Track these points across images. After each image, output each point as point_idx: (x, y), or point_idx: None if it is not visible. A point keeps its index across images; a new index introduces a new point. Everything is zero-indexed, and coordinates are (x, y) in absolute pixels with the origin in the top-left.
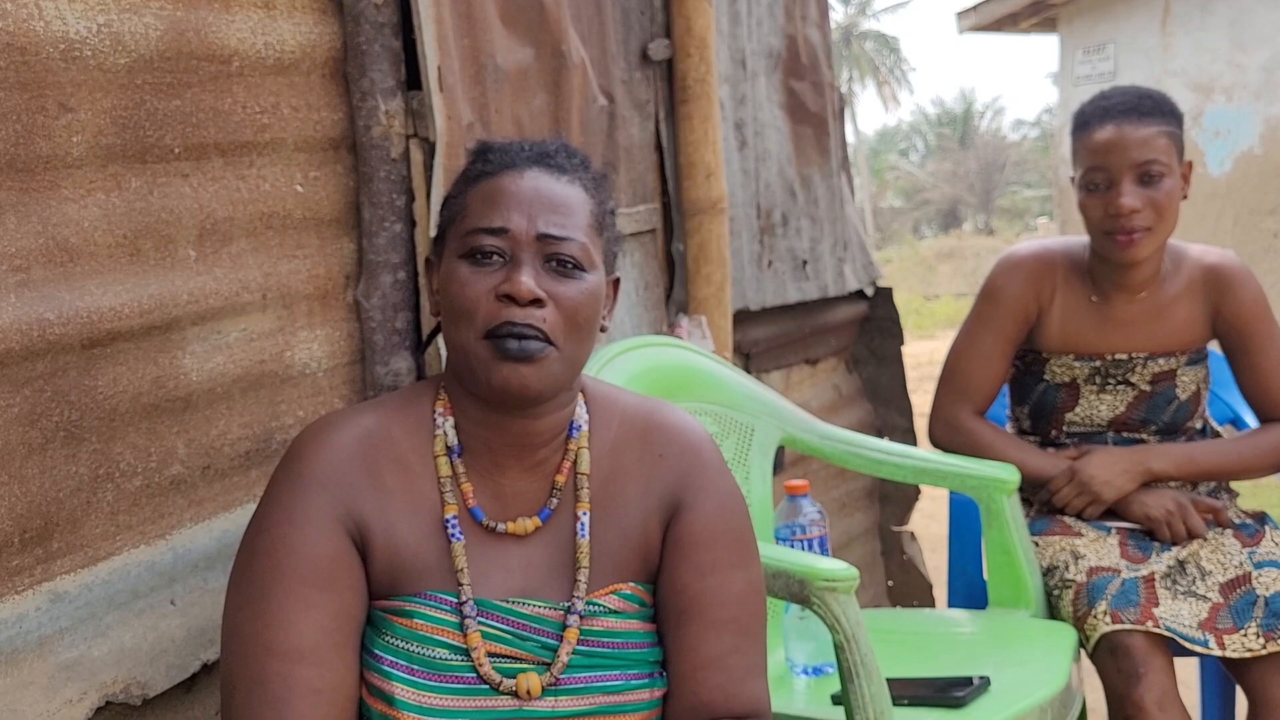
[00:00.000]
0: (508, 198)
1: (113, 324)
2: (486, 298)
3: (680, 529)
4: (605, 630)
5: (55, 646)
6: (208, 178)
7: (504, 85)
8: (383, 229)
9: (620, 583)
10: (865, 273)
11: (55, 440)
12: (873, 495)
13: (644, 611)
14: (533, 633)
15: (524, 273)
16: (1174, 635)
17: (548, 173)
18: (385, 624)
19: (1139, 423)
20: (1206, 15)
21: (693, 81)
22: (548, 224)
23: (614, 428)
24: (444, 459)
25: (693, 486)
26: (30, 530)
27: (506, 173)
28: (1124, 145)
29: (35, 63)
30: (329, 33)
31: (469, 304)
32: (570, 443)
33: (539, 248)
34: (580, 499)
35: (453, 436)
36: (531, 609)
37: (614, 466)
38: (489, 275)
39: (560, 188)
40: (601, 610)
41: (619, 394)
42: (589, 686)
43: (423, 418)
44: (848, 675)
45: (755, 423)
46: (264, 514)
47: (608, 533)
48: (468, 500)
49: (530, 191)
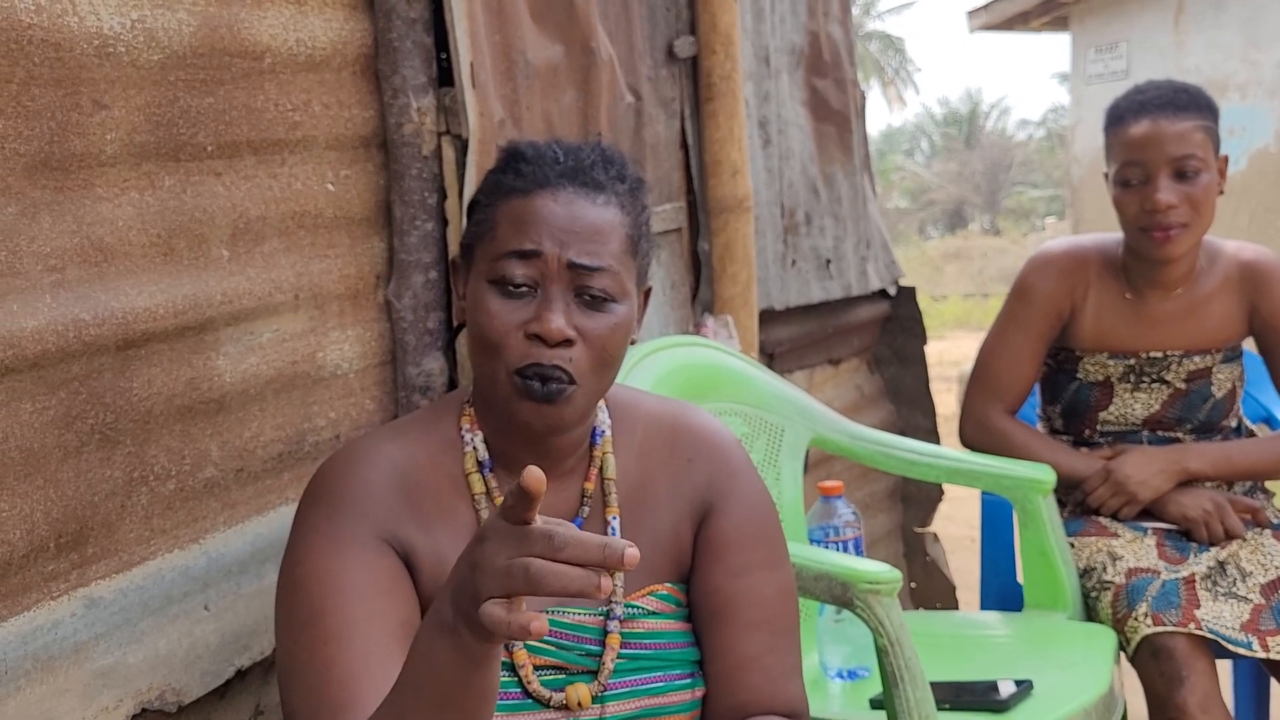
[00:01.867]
0: (540, 221)
1: (147, 325)
2: (515, 333)
3: (711, 531)
4: (645, 632)
5: (91, 653)
6: (240, 176)
7: (534, 82)
8: (414, 228)
9: (655, 584)
10: (888, 271)
11: (90, 443)
12: (895, 497)
13: (680, 611)
14: (574, 640)
15: (554, 310)
16: (1216, 637)
17: (582, 193)
18: None
19: (1174, 421)
20: (1220, 12)
21: (718, 79)
22: (580, 253)
23: (639, 433)
24: (476, 475)
25: (722, 490)
26: (66, 535)
27: (539, 192)
28: (1160, 140)
29: (69, 59)
30: (360, 29)
31: (497, 338)
32: (595, 450)
33: (570, 278)
34: (609, 504)
35: (483, 451)
36: (572, 617)
37: (642, 472)
38: (518, 309)
39: (595, 211)
40: (640, 612)
41: (641, 398)
42: (634, 690)
43: (449, 437)
44: (892, 679)
45: (785, 423)
46: (300, 543)
47: (640, 536)
48: None
49: (564, 217)
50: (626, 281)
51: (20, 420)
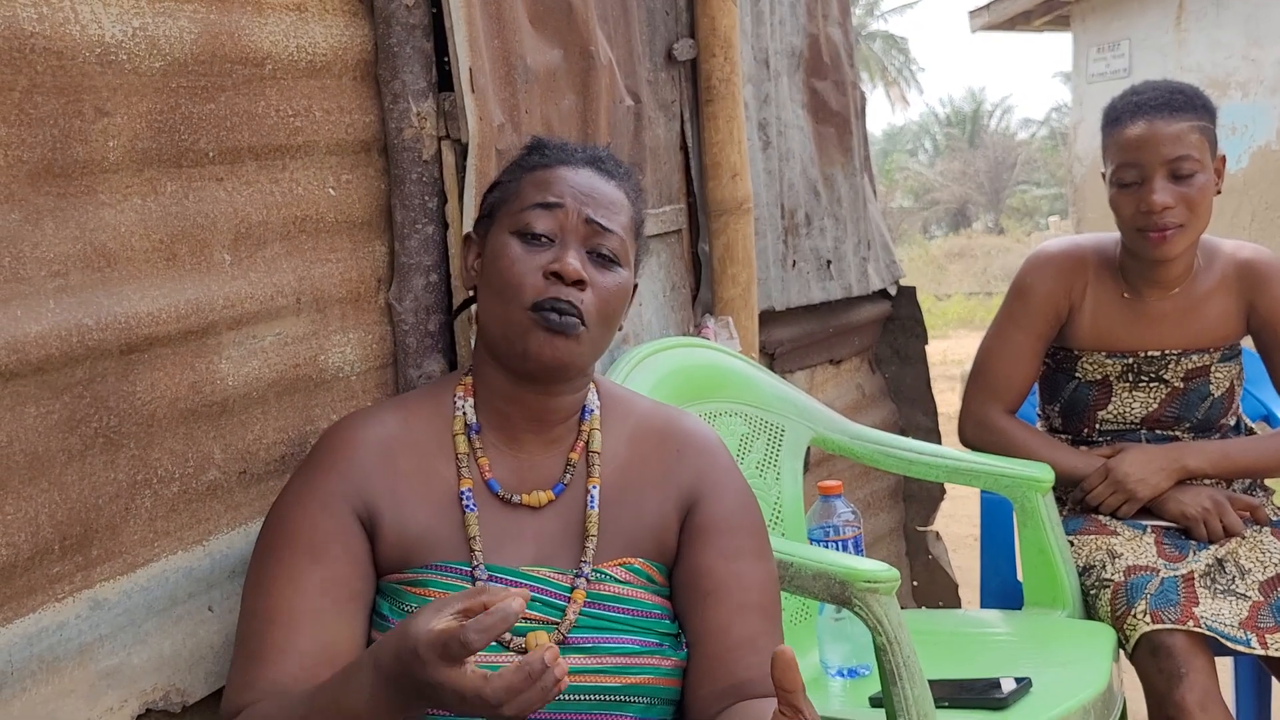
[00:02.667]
0: (562, 182)
1: (150, 329)
2: (534, 274)
3: (701, 517)
4: (613, 595)
5: (95, 654)
6: (242, 181)
7: (534, 86)
8: (415, 231)
9: (630, 556)
10: (888, 272)
11: (94, 447)
12: (897, 496)
13: (653, 586)
14: (540, 593)
15: (571, 254)
16: (1215, 634)
17: (599, 173)
18: (399, 594)
19: (1172, 420)
20: (1221, 11)
21: (717, 81)
22: (596, 213)
23: (631, 423)
24: (462, 436)
25: (711, 482)
26: (70, 537)
27: (561, 165)
28: (1156, 141)
29: (72, 67)
30: (360, 35)
31: (517, 278)
32: (583, 424)
33: (585, 233)
34: (592, 474)
35: (471, 415)
36: (541, 573)
37: (631, 456)
38: (538, 254)
39: (608, 188)
40: (607, 578)
41: (635, 397)
42: (598, 646)
43: (442, 405)
44: (890, 677)
45: (785, 423)
46: (277, 502)
47: (621, 511)
48: (485, 473)
49: (584, 183)
50: (629, 253)
51: (25, 424)
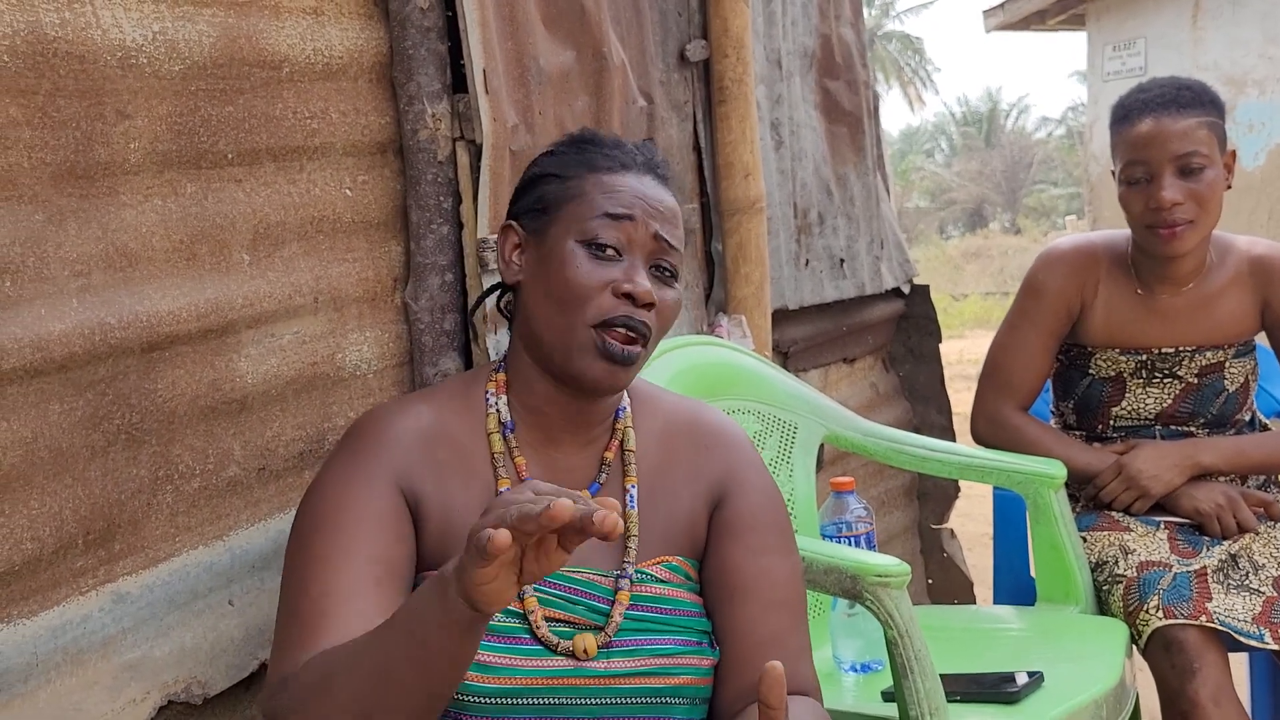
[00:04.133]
0: (630, 191)
1: (171, 328)
2: (604, 291)
3: (728, 513)
4: (654, 596)
5: (118, 646)
6: (260, 182)
7: (547, 87)
8: (430, 231)
9: (668, 555)
10: (902, 270)
11: (117, 443)
12: (911, 493)
13: (690, 584)
14: (584, 596)
15: (642, 274)
16: (1228, 630)
17: (660, 182)
18: None
19: (1187, 416)
20: (1238, 8)
21: (730, 82)
22: (664, 229)
23: (660, 420)
24: (496, 435)
25: (738, 477)
26: (93, 532)
27: (626, 173)
28: (1163, 138)
29: (93, 70)
30: (376, 38)
31: (586, 293)
32: (617, 423)
33: (653, 249)
34: (628, 473)
35: (506, 413)
36: (584, 575)
37: (662, 454)
38: (605, 268)
39: (668, 197)
40: (650, 578)
41: (660, 393)
42: (641, 649)
43: (475, 401)
44: (901, 671)
45: (798, 420)
46: (318, 482)
47: (656, 510)
48: (521, 473)
49: (652, 195)
50: (682, 270)
51: (49, 421)
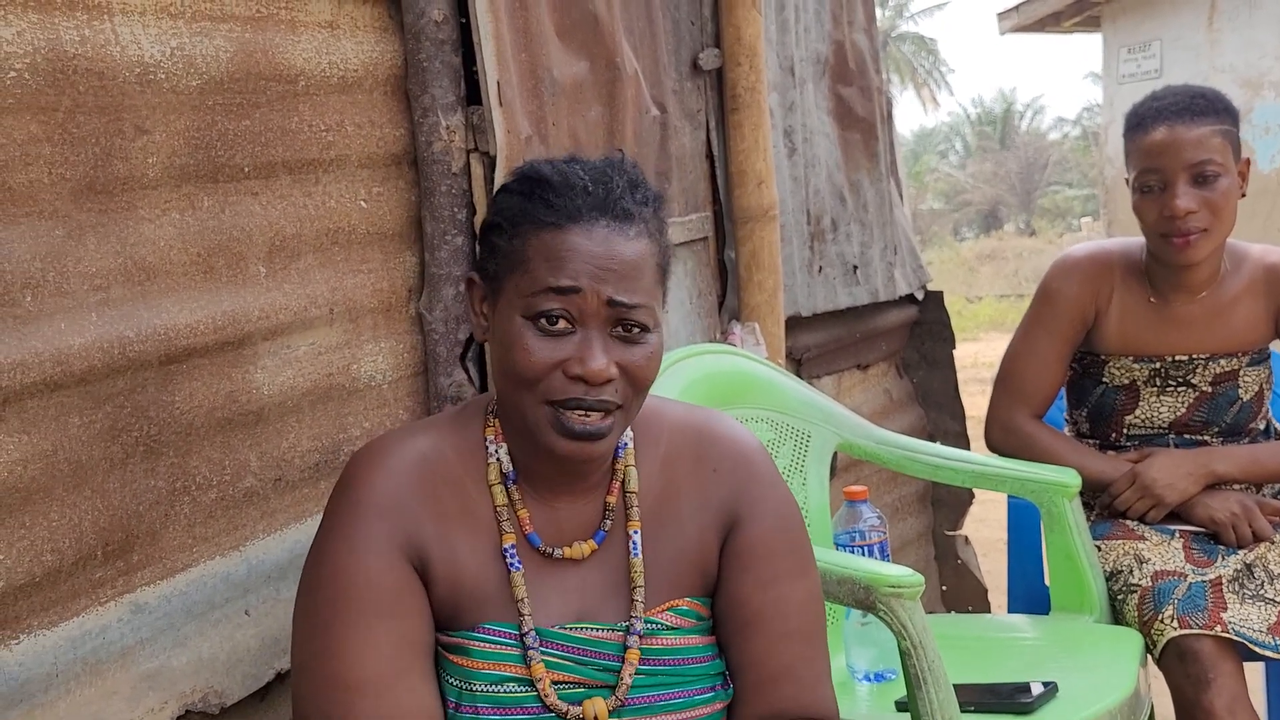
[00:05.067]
0: (576, 257)
1: (189, 340)
2: (555, 372)
3: (739, 543)
4: (665, 648)
5: (137, 656)
6: (276, 195)
7: (560, 98)
8: (444, 242)
9: (677, 598)
10: (915, 276)
11: (135, 455)
12: (925, 500)
13: (702, 625)
14: (592, 656)
15: (596, 349)
16: (1243, 640)
17: (615, 227)
18: (446, 664)
19: (1201, 424)
20: (1255, 10)
21: (743, 90)
22: (619, 290)
23: (663, 443)
24: (499, 487)
25: (748, 499)
26: (112, 543)
27: (572, 227)
28: (1177, 146)
29: (113, 87)
30: (390, 51)
31: (536, 374)
32: (617, 463)
33: (608, 314)
34: (631, 517)
35: (508, 464)
36: (590, 633)
37: (666, 482)
38: (556, 345)
39: (628, 246)
40: (660, 628)
41: (665, 406)
42: (654, 705)
43: (475, 442)
44: (915, 681)
45: (811, 428)
46: (323, 543)
47: (663, 549)
48: (524, 527)
49: (601, 255)
50: (658, 311)
51: (69, 434)
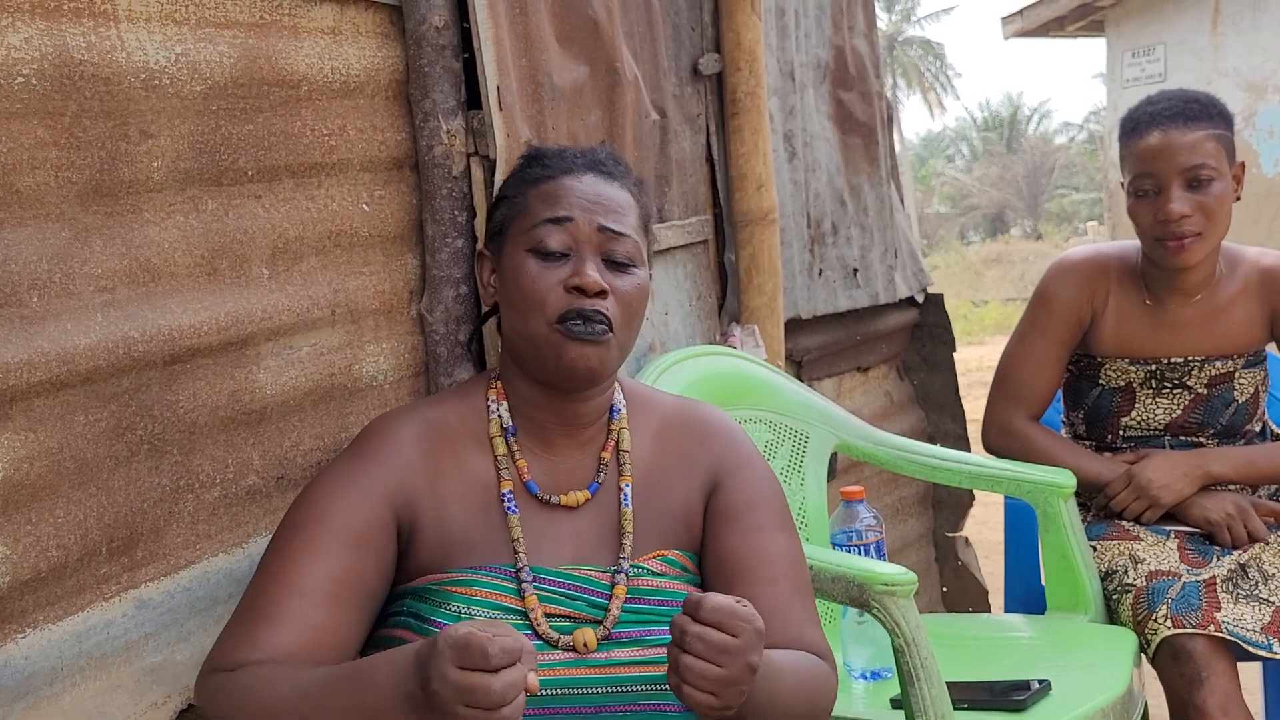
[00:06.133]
0: (569, 194)
1: (193, 341)
2: (555, 289)
3: (723, 498)
4: (650, 589)
5: (141, 651)
6: (279, 199)
7: (560, 103)
8: (445, 245)
9: (664, 549)
10: (916, 280)
11: (140, 453)
12: (926, 501)
13: (686, 575)
14: (583, 592)
15: (589, 266)
16: (1236, 639)
17: (602, 178)
18: (443, 595)
19: (1196, 426)
20: (1259, 14)
21: (742, 95)
22: (607, 219)
23: (656, 420)
24: (500, 439)
25: (732, 465)
26: (117, 540)
27: (565, 175)
28: (1171, 151)
29: (118, 92)
30: (392, 56)
31: (539, 295)
32: (612, 424)
33: (599, 242)
34: (623, 472)
35: (508, 418)
36: (582, 572)
37: (658, 451)
38: (556, 269)
39: (614, 190)
40: (645, 572)
41: (657, 394)
42: (638, 640)
43: (477, 405)
44: (908, 679)
45: (810, 430)
46: (317, 477)
47: (653, 505)
48: (523, 475)
49: (590, 191)
50: (643, 252)
51: (74, 432)
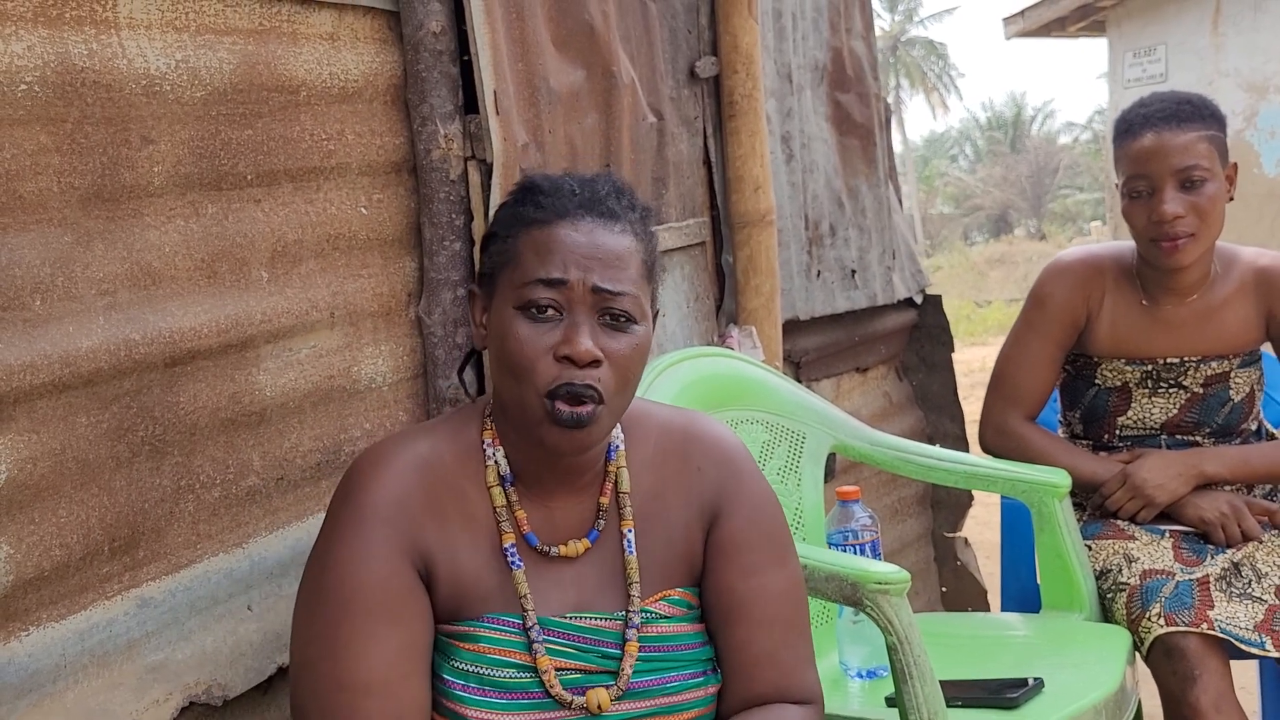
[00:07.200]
0: (563, 249)
1: (193, 343)
2: (545, 357)
3: (721, 535)
4: (660, 635)
5: (142, 649)
6: (278, 203)
7: (557, 107)
8: (443, 248)
9: (668, 589)
10: (914, 280)
11: (141, 454)
12: (925, 501)
13: (692, 613)
14: (592, 644)
15: (582, 333)
16: (1229, 637)
17: (601, 222)
18: (451, 649)
19: (1192, 425)
20: (1259, 14)
21: (740, 97)
22: (603, 278)
23: (651, 443)
24: (498, 489)
25: (729, 494)
26: (119, 539)
27: (560, 222)
28: (1164, 152)
29: (119, 98)
30: (390, 61)
31: (528, 362)
32: (610, 465)
33: (594, 302)
34: (624, 516)
35: (505, 466)
36: (589, 622)
37: (655, 480)
38: (546, 333)
39: (613, 239)
40: (654, 617)
41: (653, 409)
42: (650, 690)
43: (472, 445)
44: (901, 677)
45: (806, 430)
46: (327, 549)
47: (654, 543)
48: (522, 527)
49: (586, 245)
50: (645, 304)
51: (76, 433)
